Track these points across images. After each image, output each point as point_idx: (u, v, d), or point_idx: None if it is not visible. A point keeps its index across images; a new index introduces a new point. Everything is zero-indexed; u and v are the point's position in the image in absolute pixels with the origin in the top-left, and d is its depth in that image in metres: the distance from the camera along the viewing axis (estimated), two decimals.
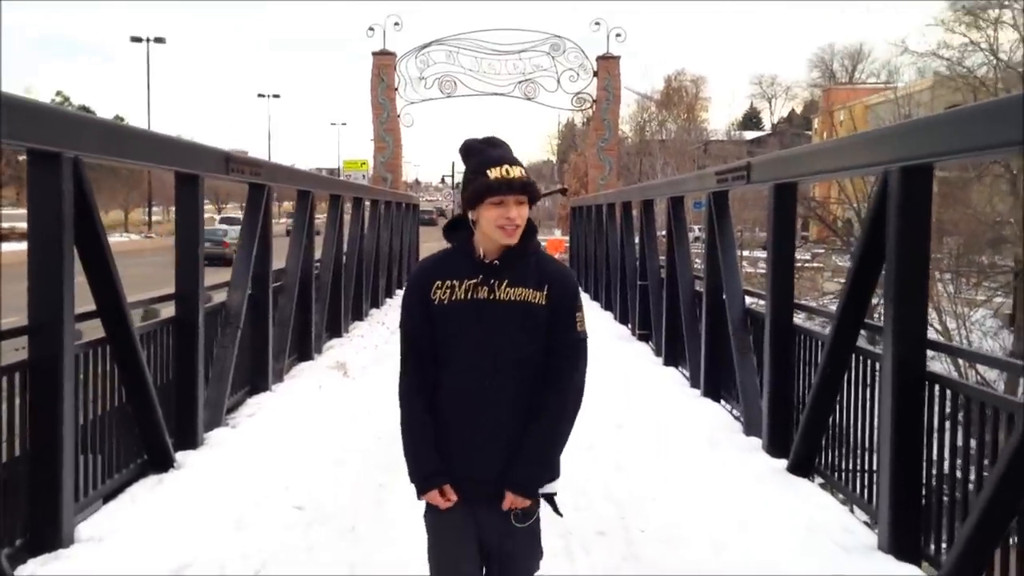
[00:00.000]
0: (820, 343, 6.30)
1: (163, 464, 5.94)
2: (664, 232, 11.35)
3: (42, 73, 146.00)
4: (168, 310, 6.79)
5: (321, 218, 14.38)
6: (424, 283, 2.79)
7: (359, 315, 14.72)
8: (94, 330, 5.49)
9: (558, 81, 25.60)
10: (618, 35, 25.52)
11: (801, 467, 6.03)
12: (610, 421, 7.68)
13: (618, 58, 25.89)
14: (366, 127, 26.64)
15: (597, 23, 25.24)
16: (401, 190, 26.86)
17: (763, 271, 8.26)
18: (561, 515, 2.95)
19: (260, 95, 73.86)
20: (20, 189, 46.33)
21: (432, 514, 2.87)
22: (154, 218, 63.27)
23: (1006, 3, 22.57)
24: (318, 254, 12.11)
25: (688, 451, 6.76)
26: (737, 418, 7.89)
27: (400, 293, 20.81)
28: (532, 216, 2.82)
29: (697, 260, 10.87)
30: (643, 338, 12.68)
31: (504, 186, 2.68)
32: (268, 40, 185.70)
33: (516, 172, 2.71)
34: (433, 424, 2.79)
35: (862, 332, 5.49)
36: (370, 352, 11.61)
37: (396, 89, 25.68)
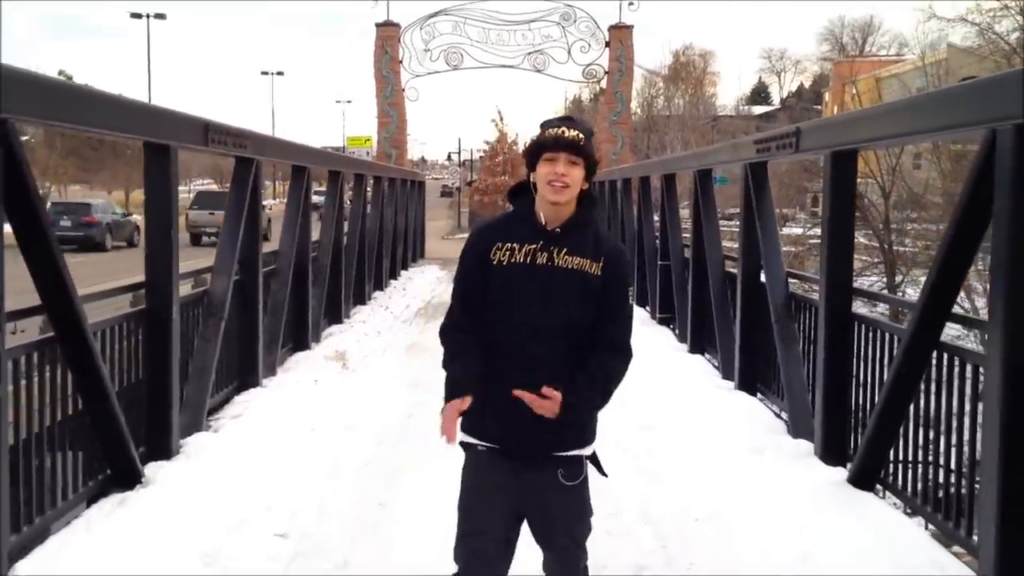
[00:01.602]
0: (885, 335, 5.47)
1: (128, 480, 5.14)
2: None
3: (44, 52, 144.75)
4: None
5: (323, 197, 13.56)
6: (485, 243, 2.88)
7: (361, 299, 13.90)
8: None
9: (569, 52, 24.54)
10: (631, 3, 24.48)
11: (865, 479, 5.20)
12: (638, 419, 6.86)
13: (631, 27, 24.82)
14: (372, 105, 25.83)
15: None
16: (407, 167, 25.99)
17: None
18: (606, 475, 3.04)
19: (264, 72, 72.39)
20: None
21: (470, 465, 2.95)
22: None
23: None
24: (317, 235, 11.31)
25: (731, 457, 5.93)
26: (779, 416, 7.06)
27: (407, 273, 20.05)
28: None
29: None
30: (664, 322, 11.85)
31: (553, 142, 2.82)
32: (271, 16, 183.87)
33: (571, 133, 2.83)
34: (479, 362, 2.83)
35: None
36: (372, 340, 10.80)
37: (401, 62, 24.66)
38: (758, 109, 78.09)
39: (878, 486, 5.24)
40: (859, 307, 6.82)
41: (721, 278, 9.03)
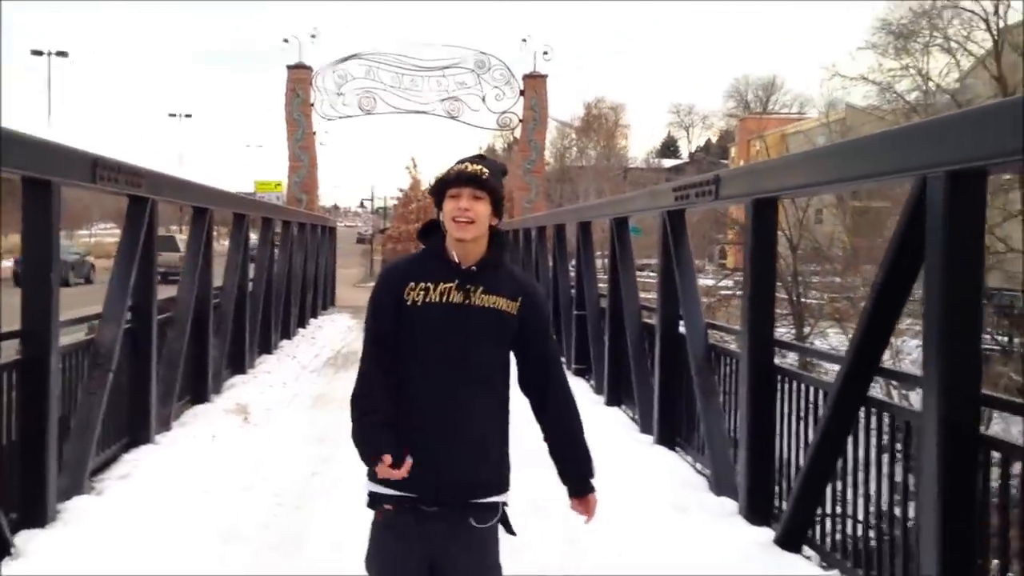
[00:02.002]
0: (809, 388, 5.31)
1: None
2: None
3: None
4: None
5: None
6: (397, 282, 2.80)
7: (267, 348, 13.35)
8: None
9: (483, 100, 24.48)
10: (545, 53, 24.57)
11: (792, 541, 5.00)
12: (554, 475, 6.55)
13: (545, 77, 24.94)
14: (283, 150, 25.35)
15: (524, 39, 24.32)
16: (317, 212, 25.46)
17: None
18: (514, 532, 2.91)
19: (171, 115, 70.83)
20: None
21: (381, 525, 2.82)
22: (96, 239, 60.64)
23: (936, 31, 22.51)
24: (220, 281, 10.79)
25: (653, 516, 5.67)
26: (701, 472, 6.86)
27: (316, 322, 19.45)
28: None
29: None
30: (580, 373, 11.62)
31: (455, 177, 2.77)
32: (181, 56, 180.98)
33: (474, 167, 2.79)
34: (394, 418, 2.73)
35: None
36: (277, 391, 10.30)
37: (312, 105, 24.26)
38: (668, 162, 79.76)
39: (804, 547, 5.05)
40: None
41: (639, 328, 8.86)
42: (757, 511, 5.48)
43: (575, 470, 2.97)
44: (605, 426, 8.55)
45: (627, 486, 6.30)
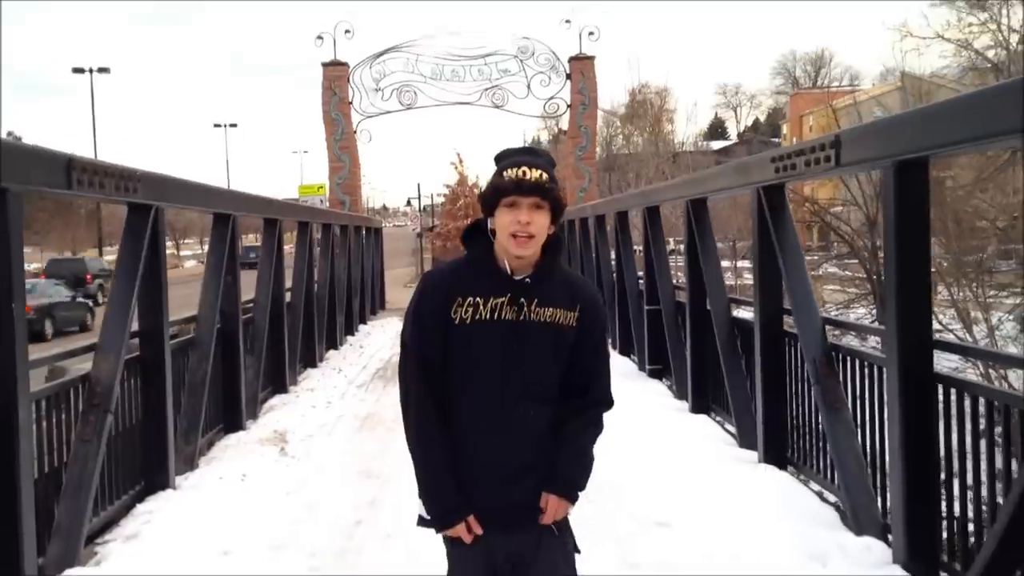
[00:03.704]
0: (986, 402, 4.07)
1: None
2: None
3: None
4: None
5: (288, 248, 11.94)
6: (443, 298, 2.54)
7: (312, 362, 12.33)
8: None
9: (528, 86, 23.16)
10: (591, 34, 23.21)
11: None
12: (644, 512, 5.40)
13: (592, 58, 23.53)
14: (325, 153, 24.28)
15: (567, 21, 22.95)
16: (362, 213, 24.49)
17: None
18: (579, 550, 2.75)
19: (216, 125, 70.54)
20: None
21: (454, 544, 2.64)
22: (110, 256, 61.08)
23: None
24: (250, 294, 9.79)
25: (786, 567, 4.47)
26: (832, 502, 5.62)
27: (365, 328, 18.42)
28: None
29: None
30: (655, 374, 10.42)
31: (514, 186, 2.49)
32: (223, 68, 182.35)
33: (534, 173, 2.50)
34: (450, 448, 2.58)
35: None
36: (320, 412, 9.23)
37: (351, 103, 23.14)
38: (716, 144, 78.02)
39: None
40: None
41: (728, 325, 7.62)
42: (922, 559, 4.25)
43: (567, 471, 2.66)
44: (695, 441, 7.34)
45: (738, 527, 5.10)
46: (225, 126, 66.29)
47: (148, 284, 6.04)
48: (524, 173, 2.48)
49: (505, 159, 2.59)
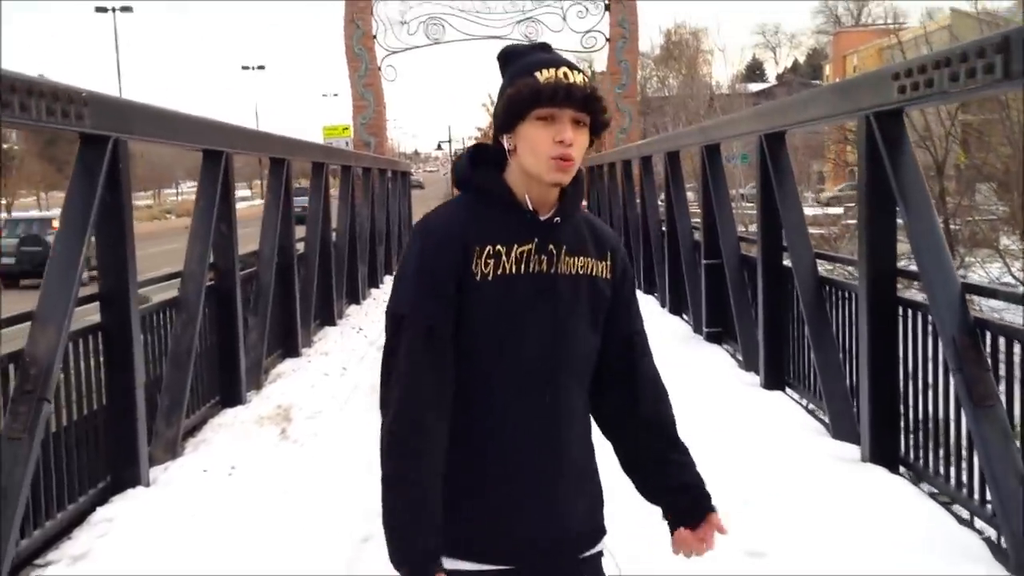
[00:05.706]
0: None
1: None
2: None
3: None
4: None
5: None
6: (459, 247, 1.83)
7: (329, 319, 11.21)
8: None
9: (564, 18, 21.59)
10: None
11: None
12: (736, 538, 4.18)
13: None
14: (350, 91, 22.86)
15: None
16: (388, 155, 23.20)
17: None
18: None
19: (244, 67, 69.08)
20: None
21: None
22: (144, 202, 60.53)
23: None
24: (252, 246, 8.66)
25: None
26: (989, 540, 4.39)
27: (390, 279, 17.24)
28: None
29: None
30: (714, 338, 9.18)
31: (563, 93, 1.81)
32: (249, 8, 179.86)
33: (577, 78, 1.84)
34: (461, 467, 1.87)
35: None
36: (333, 382, 8.10)
37: (374, 37, 21.77)
38: (754, 86, 75.82)
39: None
40: None
41: (814, 286, 6.34)
42: None
43: (687, 475, 1.97)
44: (776, 429, 6.10)
45: (849, 543, 3.90)
46: (253, 68, 65.13)
47: (108, 237, 4.89)
48: (567, 76, 1.83)
49: (521, 57, 1.93)
